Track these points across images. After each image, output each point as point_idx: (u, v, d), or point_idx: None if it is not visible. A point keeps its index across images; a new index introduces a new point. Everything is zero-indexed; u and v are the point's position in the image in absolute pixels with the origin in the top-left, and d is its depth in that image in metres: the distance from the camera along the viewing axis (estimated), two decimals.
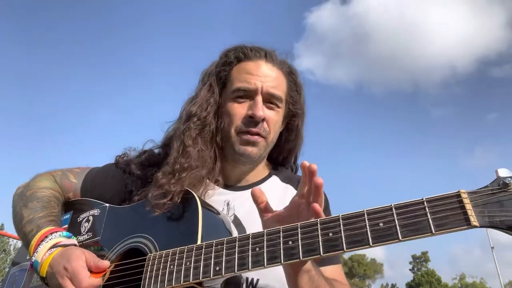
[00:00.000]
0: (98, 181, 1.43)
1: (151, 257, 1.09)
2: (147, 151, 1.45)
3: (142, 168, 1.37)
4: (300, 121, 1.44)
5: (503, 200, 0.76)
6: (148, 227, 1.18)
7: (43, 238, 1.16)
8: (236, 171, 1.38)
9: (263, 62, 1.36)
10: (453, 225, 0.76)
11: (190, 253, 1.02)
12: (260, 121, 1.29)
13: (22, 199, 1.35)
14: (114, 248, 1.21)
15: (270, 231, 0.94)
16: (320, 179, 0.95)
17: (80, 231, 1.34)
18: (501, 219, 0.74)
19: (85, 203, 1.41)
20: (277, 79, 1.36)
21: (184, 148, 1.28)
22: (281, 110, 1.37)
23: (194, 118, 1.34)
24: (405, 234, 0.80)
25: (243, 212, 1.27)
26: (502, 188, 0.77)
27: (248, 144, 1.30)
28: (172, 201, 1.18)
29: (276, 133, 1.37)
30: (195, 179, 1.25)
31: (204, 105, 1.35)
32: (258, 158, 1.34)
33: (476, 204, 0.77)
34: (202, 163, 1.28)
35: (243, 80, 1.33)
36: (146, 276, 1.06)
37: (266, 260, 0.91)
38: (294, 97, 1.41)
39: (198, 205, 1.12)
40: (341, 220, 0.88)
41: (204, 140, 1.32)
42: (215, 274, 0.96)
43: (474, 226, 0.75)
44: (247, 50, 1.38)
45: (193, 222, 1.09)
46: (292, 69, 1.44)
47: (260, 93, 1.31)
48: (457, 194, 0.78)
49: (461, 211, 0.76)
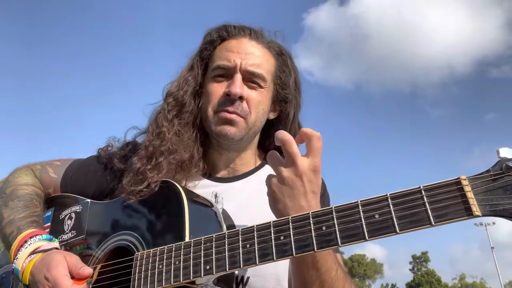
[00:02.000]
0: (78, 177, 1.34)
1: (139, 256, 1.04)
2: (131, 142, 1.35)
3: (125, 161, 1.28)
4: (291, 108, 1.32)
5: (506, 185, 0.70)
6: (133, 224, 1.12)
7: (23, 243, 1.10)
8: (222, 159, 1.30)
9: (247, 40, 1.27)
10: (453, 215, 0.71)
11: (179, 251, 0.97)
12: (237, 99, 1.20)
13: (2, 197, 1.27)
14: (100, 246, 1.16)
15: (260, 226, 0.89)
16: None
17: (64, 229, 1.28)
18: (504, 207, 0.69)
19: (66, 199, 1.35)
20: (261, 57, 1.26)
21: (159, 130, 1.21)
22: (265, 91, 1.26)
23: (170, 98, 1.26)
24: (403, 226, 0.75)
25: (233, 206, 1.20)
26: (506, 172, 0.71)
27: (225, 123, 1.20)
28: (149, 189, 1.12)
29: (260, 115, 1.26)
30: (175, 164, 1.18)
31: (182, 84, 1.28)
32: (239, 140, 1.24)
33: (478, 192, 0.71)
34: (183, 147, 1.21)
35: (223, 57, 1.25)
36: (135, 277, 1.02)
37: (257, 257, 0.86)
38: (283, 79, 1.30)
39: (183, 197, 1.06)
40: (334, 212, 0.82)
41: (183, 122, 1.24)
42: (206, 273, 0.92)
43: (476, 215, 0.70)
44: (230, 28, 1.29)
45: (179, 217, 1.04)
46: (283, 50, 1.33)
47: (239, 70, 1.21)
48: (457, 181, 0.73)
49: (461, 200, 0.71)
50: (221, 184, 1.26)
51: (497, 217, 0.70)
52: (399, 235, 0.75)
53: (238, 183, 1.28)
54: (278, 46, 1.32)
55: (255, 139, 1.34)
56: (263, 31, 1.31)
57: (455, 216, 0.71)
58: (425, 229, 0.74)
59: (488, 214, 0.70)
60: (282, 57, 1.32)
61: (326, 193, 1.31)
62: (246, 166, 1.32)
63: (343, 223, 0.80)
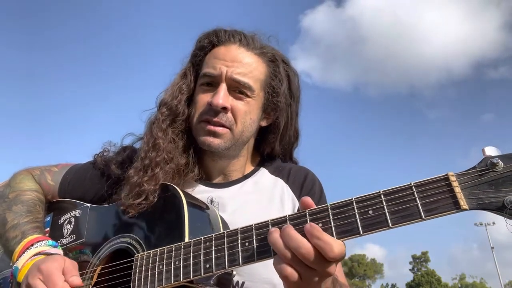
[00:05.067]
0: (76, 184, 1.36)
1: (139, 257, 1.06)
2: (127, 148, 1.36)
3: (122, 167, 1.29)
4: (283, 116, 1.30)
5: (491, 180, 0.75)
6: (133, 227, 1.15)
7: (29, 246, 1.12)
8: (216, 165, 1.31)
9: (236, 46, 1.25)
10: (442, 209, 0.75)
11: (179, 251, 1.00)
12: (219, 110, 1.19)
13: (5, 201, 1.28)
14: (100, 250, 1.18)
15: (259, 225, 0.92)
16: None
17: (63, 233, 1.30)
18: (490, 200, 0.73)
19: (65, 204, 1.37)
20: (249, 65, 1.23)
21: (154, 141, 1.21)
22: (252, 100, 1.23)
23: (163, 108, 1.26)
24: (395, 221, 0.78)
25: (228, 211, 1.21)
26: (490, 168, 0.75)
27: (209, 134, 1.20)
28: (147, 201, 1.12)
29: (247, 125, 1.24)
30: (171, 173, 1.19)
31: (175, 93, 1.27)
32: (225, 150, 1.23)
33: (465, 187, 0.76)
34: (179, 154, 1.22)
35: (210, 65, 1.25)
36: (135, 278, 1.04)
37: (256, 254, 0.89)
38: (275, 87, 1.27)
39: (183, 200, 1.09)
40: (330, 209, 0.86)
41: (177, 130, 1.25)
42: (206, 272, 0.94)
43: (464, 209, 0.74)
44: (221, 33, 1.28)
45: (179, 218, 1.06)
46: (277, 56, 1.30)
47: (225, 79, 1.20)
48: (445, 178, 0.77)
49: (449, 194, 0.75)
50: (216, 190, 1.28)
51: (483, 210, 0.74)
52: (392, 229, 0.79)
53: (233, 188, 1.29)
54: (271, 52, 1.29)
55: (248, 145, 1.33)
56: (256, 36, 1.29)
57: (444, 210, 0.75)
58: (417, 223, 0.78)
59: (475, 207, 0.74)
60: (275, 64, 1.29)
61: (323, 194, 1.31)
62: (239, 171, 1.33)
63: (339, 220, 0.84)
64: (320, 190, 1.29)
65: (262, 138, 1.36)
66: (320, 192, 1.29)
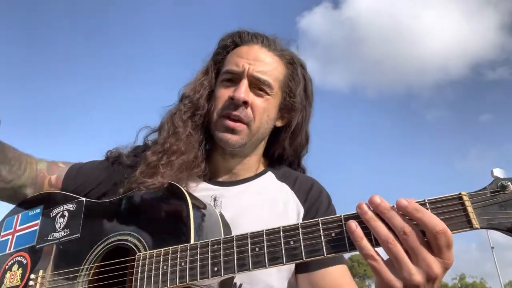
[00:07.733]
0: (84, 170, 1.38)
1: (141, 257, 1.04)
2: (141, 146, 1.39)
3: (134, 156, 1.32)
4: (299, 116, 1.33)
5: (501, 202, 0.79)
6: (134, 224, 1.13)
7: None
8: (225, 163, 1.32)
9: (258, 47, 1.30)
10: (456, 226, 0.79)
11: (184, 253, 0.99)
12: (240, 104, 1.22)
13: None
14: (97, 246, 1.15)
15: (270, 231, 0.93)
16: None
17: (55, 227, 1.26)
18: (500, 221, 0.78)
19: (58, 196, 1.32)
20: (269, 64, 1.28)
21: (175, 129, 1.26)
22: (272, 98, 1.28)
23: (186, 100, 1.31)
24: None
25: (231, 210, 1.21)
26: (501, 190, 0.80)
27: (228, 131, 1.24)
28: (159, 183, 1.14)
29: (264, 122, 1.27)
30: (183, 165, 1.22)
31: (197, 88, 1.32)
32: (241, 147, 1.26)
33: (477, 206, 0.80)
34: (190, 148, 1.25)
35: (232, 62, 1.29)
36: (137, 277, 1.02)
37: (267, 260, 0.90)
38: (292, 88, 1.32)
39: (188, 201, 1.08)
40: (343, 220, 0.88)
41: (195, 124, 1.28)
42: (214, 275, 0.94)
43: (476, 228, 0.78)
44: (244, 34, 1.33)
45: (184, 219, 1.05)
46: (295, 59, 1.35)
47: (246, 76, 1.25)
48: (459, 196, 0.81)
49: (463, 213, 0.79)
50: (221, 188, 1.29)
51: (493, 230, 0.79)
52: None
53: (239, 187, 1.30)
54: (290, 54, 1.34)
55: (260, 146, 1.35)
56: (277, 39, 1.34)
57: (458, 227, 0.79)
58: None
59: (486, 227, 0.78)
60: (293, 66, 1.34)
61: (332, 206, 1.32)
62: (248, 171, 1.34)
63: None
64: (328, 200, 1.31)
65: (274, 140, 1.39)
66: (328, 203, 1.30)
